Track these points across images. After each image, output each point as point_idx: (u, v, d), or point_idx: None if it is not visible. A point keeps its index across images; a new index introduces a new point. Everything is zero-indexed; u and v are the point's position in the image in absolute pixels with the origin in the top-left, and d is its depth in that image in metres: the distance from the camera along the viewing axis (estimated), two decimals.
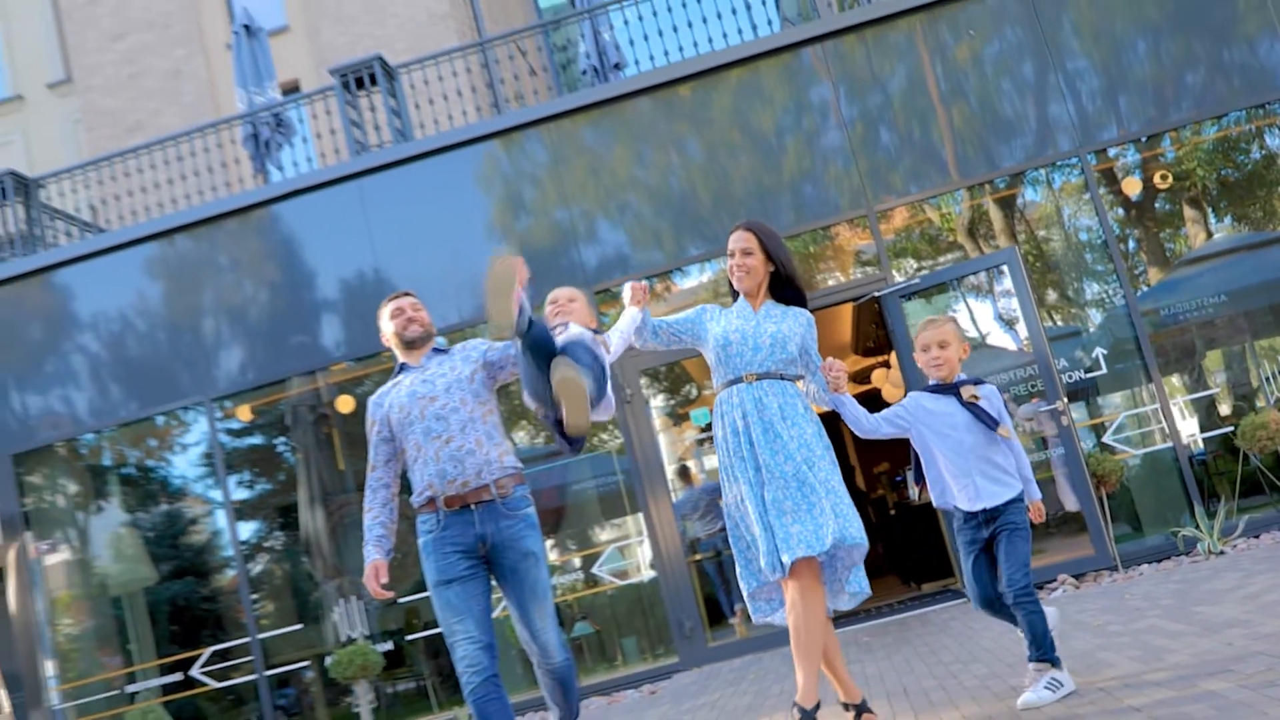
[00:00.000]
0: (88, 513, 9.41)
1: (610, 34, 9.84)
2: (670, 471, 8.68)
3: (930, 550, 9.22)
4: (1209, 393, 8.29)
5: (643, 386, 8.51)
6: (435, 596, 3.79)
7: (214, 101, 14.94)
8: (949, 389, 4.06)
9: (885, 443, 4.99)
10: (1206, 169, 8.36)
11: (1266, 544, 6.84)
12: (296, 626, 8.84)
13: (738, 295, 4.04)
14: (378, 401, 4.04)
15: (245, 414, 9.05)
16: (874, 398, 10.61)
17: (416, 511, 3.89)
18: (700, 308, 4.05)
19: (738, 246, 3.98)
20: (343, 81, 9.25)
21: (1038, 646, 3.87)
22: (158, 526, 9.40)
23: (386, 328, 4.11)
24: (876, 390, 11.03)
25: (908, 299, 7.89)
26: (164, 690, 8.73)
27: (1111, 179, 8.40)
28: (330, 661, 8.09)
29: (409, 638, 8.64)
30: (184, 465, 9.35)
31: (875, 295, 8.08)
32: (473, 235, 8.55)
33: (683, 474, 9.19)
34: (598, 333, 3.82)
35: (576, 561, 8.69)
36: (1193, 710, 3.11)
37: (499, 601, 4.70)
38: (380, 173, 8.81)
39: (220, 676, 8.67)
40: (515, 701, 7.59)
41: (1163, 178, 8.34)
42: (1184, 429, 7.94)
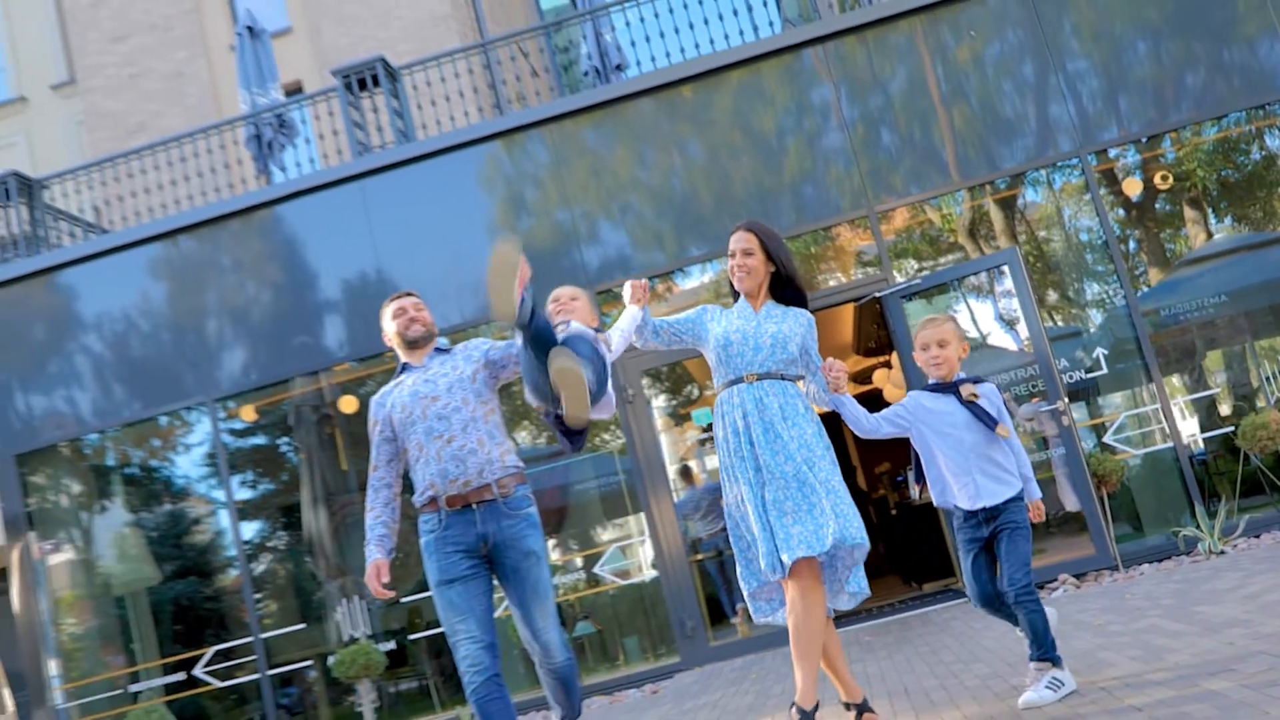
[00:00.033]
0: (91, 513, 9.42)
1: (612, 35, 9.84)
2: (672, 471, 8.69)
3: (931, 550, 9.22)
4: (1209, 393, 8.29)
5: (644, 387, 8.52)
6: (437, 596, 3.79)
7: (216, 103, 14.96)
8: (949, 388, 4.06)
9: (886, 443, 5.00)
10: (1207, 169, 8.36)
11: (1267, 544, 6.84)
12: (299, 626, 8.85)
13: (738, 296, 4.04)
14: (380, 401, 4.04)
15: (248, 414, 9.07)
16: (875, 398, 10.62)
17: (418, 511, 3.89)
18: (701, 308, 4.05)
19: (738, 247, 3.97)
20: (345, 82, 9.26)
21: (1039, 646, 3.87)
22: (161, 526, 9.41)
23: (389, 327, 4.11)
24: (878, 390, 11.04)
25: (909, 299, 7.90)
26: (167, 689, 8.75)
27: (1112, 179, 8.41)
28: (333, 661, 8.12)
29: (411, 637, 8.65)
30: (187, 465, 9.36)
31: (876, 296, 8.09)
32: (475, 236, 8.56)
33: (684, 474, 9.19)
34: (599, 332, 3.83)
35: (578, 561, 8.70)
36: (1194, 710, 3.11)
37: (501, 601, 4.70)
38: (382, 173, 8.83)
39: (223, 676, 8.69)
40: (517, 701, 7.61)
41: (1163, 178, 8.34)
42: (1184, 429, 7.95)
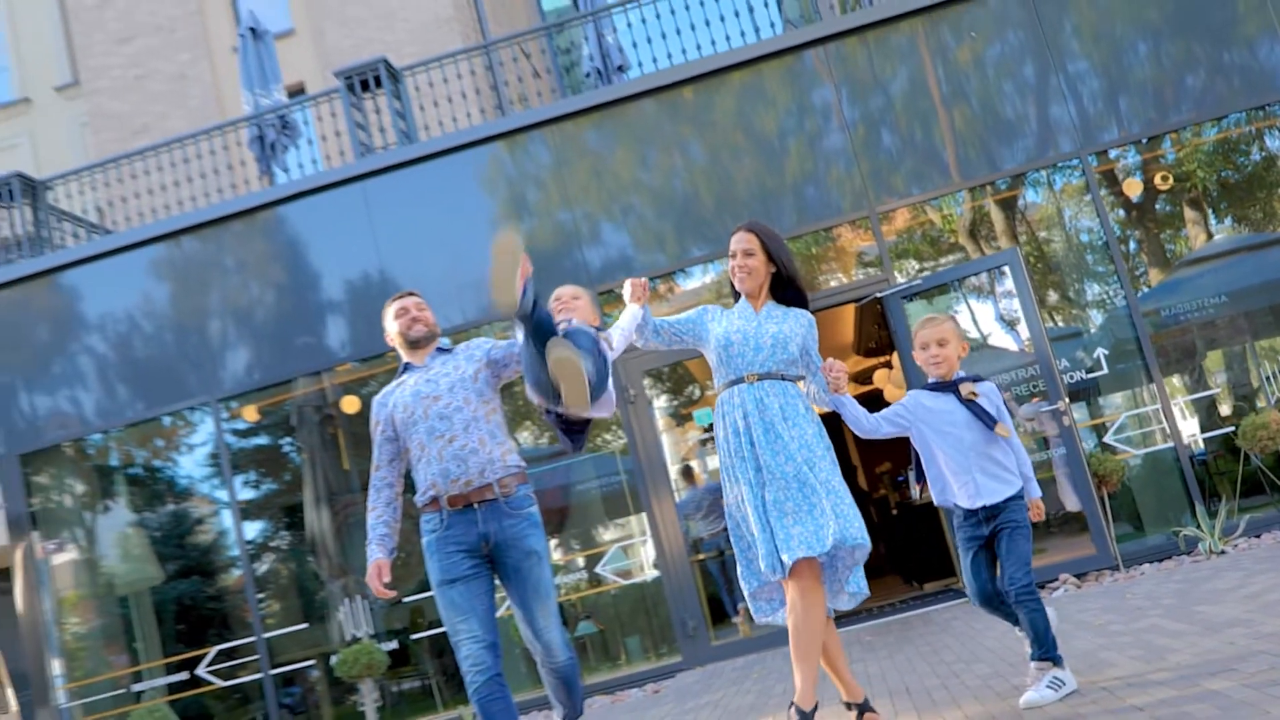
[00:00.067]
0: (95, 512, 9.43)
1: (614, 36, 9.86)
2: (673, 471, 8.70)
3: (932, 550, 9.23)
4: (1210, 393, 8.29)
5: (646, 387, 8.53)
6: (439, 596, 3.80)
7: (219, 104, 14.99)
8: (948, 386, 4.07)
9: (887, 443, 5.01)
10: (1207, 170, 8.37)
11: (1267, 544, 6.84)
12: (302, 625, 8.86)
13: (739, 296, 4.05)
14: (382, 401, 4.05)
15: (251, 414, 9.09)
16: (876, 398, 10.64)
17: (420, 511, 3.89)
18: (702, 308, 4.06)
19: (739, 247, 3.98)
20: (348, 84, 9.28)
21: (1040, 645, 3.87)
22: (164, 526, 9.42)
23: (391, 327, 4.12)
24: (879, 391, 11.05)
25: (910, 300, 7.91)
26: (170, 689, 8.76)
27: (1112, 180, 8.42)
28: (335, 660, 8.14)
29: (414, 637, 8.66)
30: (190, 465, 9.37)
31: (877, 296, 8.10)
32: (477, 237, 8.57)
33: (686, 474, 9.20)
34: (600, 330, 3.84)
35: (580, 561, 8.71)
36: (1195, 709, 3.11)
37: (503, 600, 4.72)
38: (385, 174, 8.85)
39: (226, 675, 8.70)
40: (520, 700, 7.62)
41: (1163, 179, 8.35)
42: (1185, 429, 7.95)
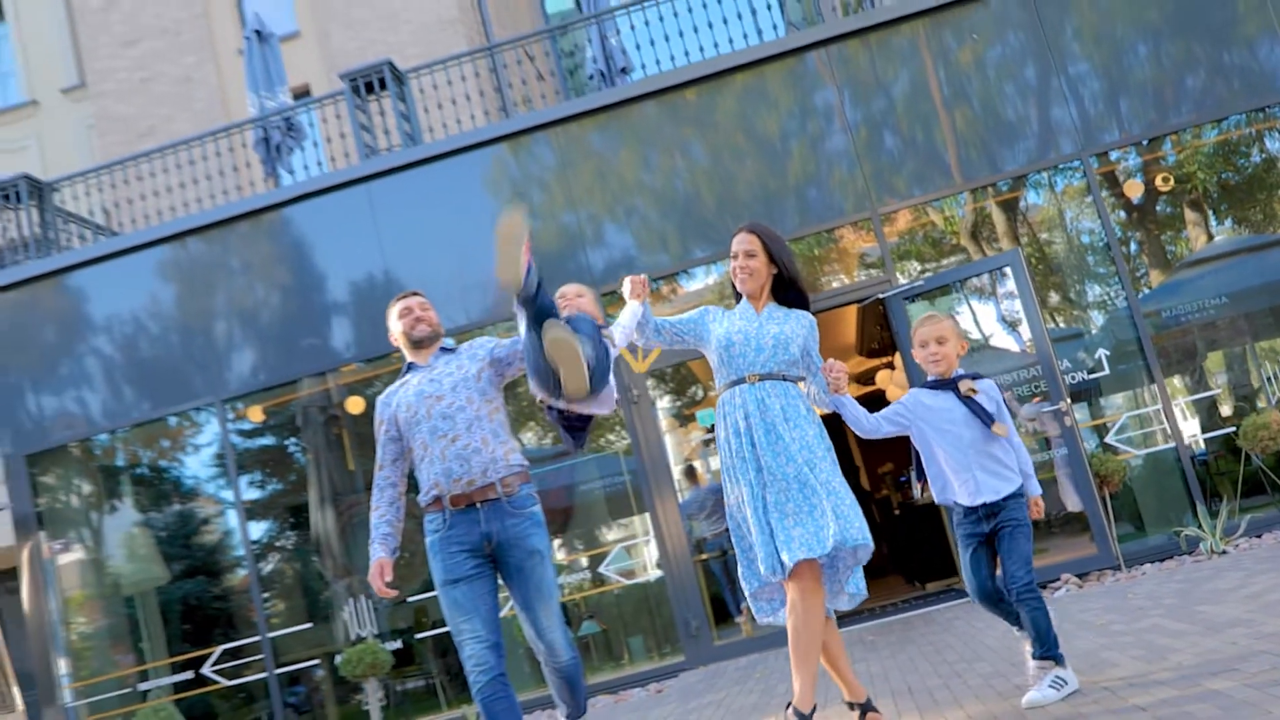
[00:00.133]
0: (101, 513, 9.46)
1: (617, 39, 9.89)
2: (677, 471, 8.72)
3: (934, 550, 9.25)
4: (1210, 393, 8.29)
5: (649, 387, 8.55)
6: (442, 596, 3.80)
7: (225, 106, 15.03)
8: (947, 384, 4.08)
9: (889, 443, 5.02)
10: (1207, 172, 8.38)
11: (1269, 544, 6.84)
12: (306, 625, 8.88)
13: (741, 297, 4.07)
14: (385, 401, 4.05)
15: (256, 415, 9.12)
16: (879, 399, 10.66)
17: (424, 510, 3.89)
18: (703, 309, 4.08)
19: (741, 249, 4.00)
20: (352, 86, 9.30)
21: (1041, 644, 3.88)
22: (170, 526, 9.46)
23: (394, 327, 4.13)
24: (881, 391, 11.08)
25: (912, 301, 7.93)
26: (175, 688, 8.79)
27: (1113, 182, 8.43)
28: (340, 660, 8.16)
29: (418, 636, 8.69)
30: (196, 466, 9.40)
31: (879, 297, 8.12)
32: (481, 238, 8.48)
33: (689, 474, 9.23)
34: (603, 328, 3.86)
35: (584, 561, 8.72)
36: (1197, 709, 3.11)
37: (506, 600, 4.74)
38: (389, 176, 8.87)
39: (231, 675, 8.73)
40: (523, 699, 7.64)
41: (1164, 180, 8.37)
42: (1186, 429, 7.95)
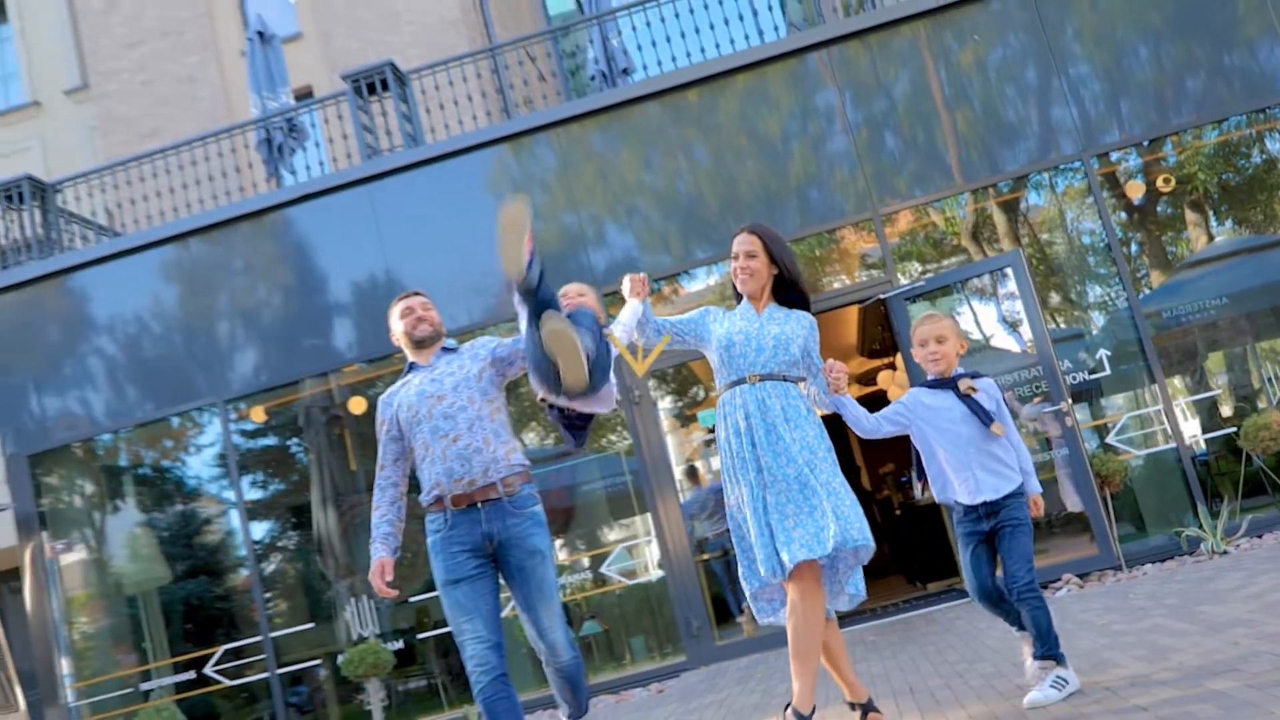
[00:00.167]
0: (103, 513, 9.48)
1: (619, 40, 9.90)
2: (678, 472, 8.73)
3: (935, 550, 9.26)
4: (1211, 394, 8.30)
5: (651, 388, 8.57)
6: (444, 596, 3.80)
7: (228, 107, 15.05)
8: (947, 383, 4.09)
9: (890, 443, 5.03)
10: (1208, 173, 8.39)
11: (1270, 544, 6.84)
12: (308, 625, 8.89)
13: (741, 297, 4.07)
14: (387, 400, 4.05)
15: (259, 415, 9.13)
16: (879, 399, 10.67)
17: (425, 510, 3.89)
18: (704, 309, 4.08)
19: (741, 249, 4.01)
20: (354, 87, 9.32)
21: (1042, 643, 3.89)
22: (172, 526, 9.47)
23: (396, 327, 4.13)
24: (882, 392, 11.08)
25: (913, 301, 7.94)
26: (177, 688, 8.80)
27: (1114, 182, 8.44)
28: (342, 660, 8.18)
29: (420, 636, 8.70)
30: (198, 466, 9.42)
31: (880, 297, 8.13)
32: (482, 238, 8.59)
33: (690, 474, 9.25)
34: (604, 328, 3.86)
35: (585, 561, 8.73)
36: (1198, 709, 3.12)
37: (508, 600, 4.75)
38: (391, 177, 8.89)
39: (233, 674, 8.75)
40: (525, 699, 7.66)
41: (1165, 181, 8.38)
42: (1187, 430, 7.96)
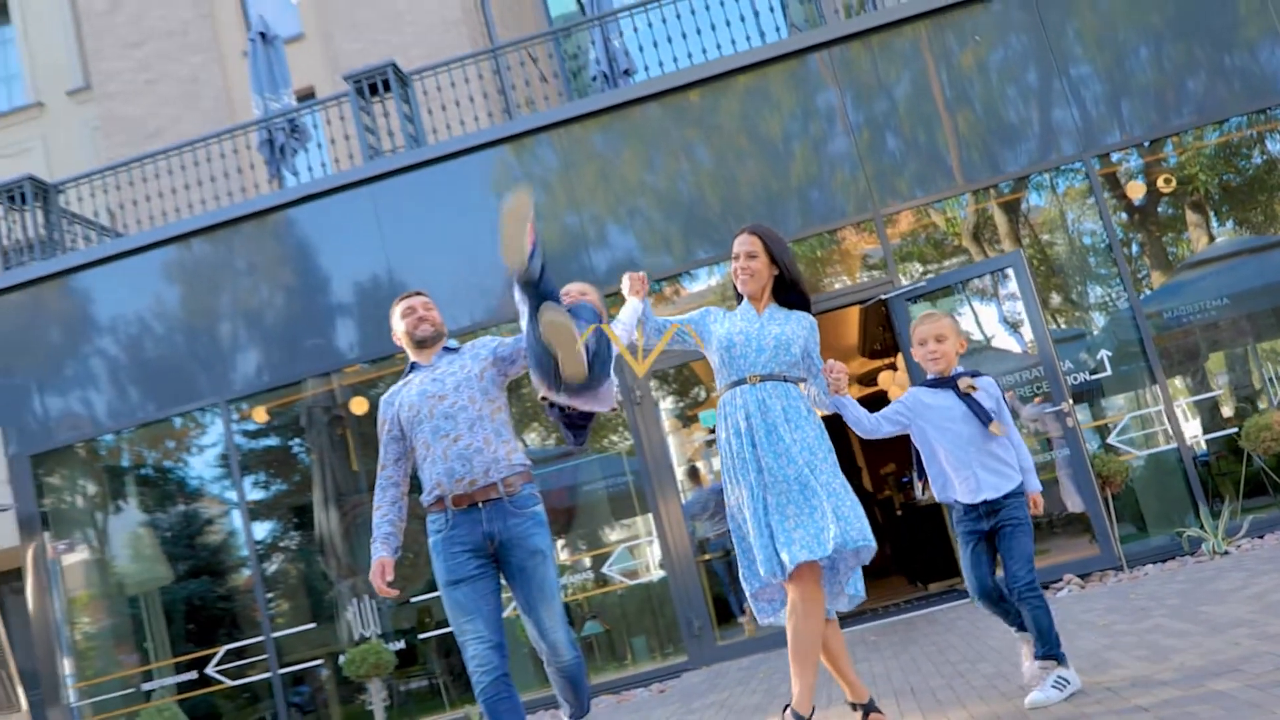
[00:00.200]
0: (106, 513, 9.50)
1: (620, 41, 9.92)
2: (679, 472, 8.74)
3: (936, 550, 9.26)
4: (1212, 394, 8.31)
5: (652, 389, 8.58)
6: (445, 596, 3.80)
7: (230, 108, 15.07)
8: (947, 382, 4.10)
9: (892, 444, 5.03)
10: (1209, 173, 8.39)
11: (1271, 544, 6.85)
12: (310, 625, 8.91)
13: (742, 298, 4.08)
14: (389, 400, 4.06)
15: (261, 415, 9.15)
16: (880, 399, 10.67)
17: (426, 511, 3.90)
18: (704, 310, 4.09)
19: (742, 250, 4.01)
20: (356, 88, 9.33)
21: (1043, 643, 3.89)
22: (174, 526, 9.49)
23: (398, 326, 4.14)
24: (884, 392, 11.08)
25: (914, 301, 7.94)
26: (179, 688, 8.81)
27: (1115, 183, 8.45)
28: (344, 660, 8.19)
29: (421, 636, 8.71)
30: (200, 466, 9.43)
31: (882, 298, 8.14)
32: (484, 239, 8.61)
33: (692, 475, 9.26)
34: (604, 321, 3.86)
35: (587, 561, 8.74)
36: (1200, 710, 3.12)
37: (509, 600, 4.75)
38: (393, 177, 8.91)
39: (235, 675, 8.76)
40: (527, 699, 7.66)
41: (1165, 182, 8.38)
42: (1188, 430, 7.96)
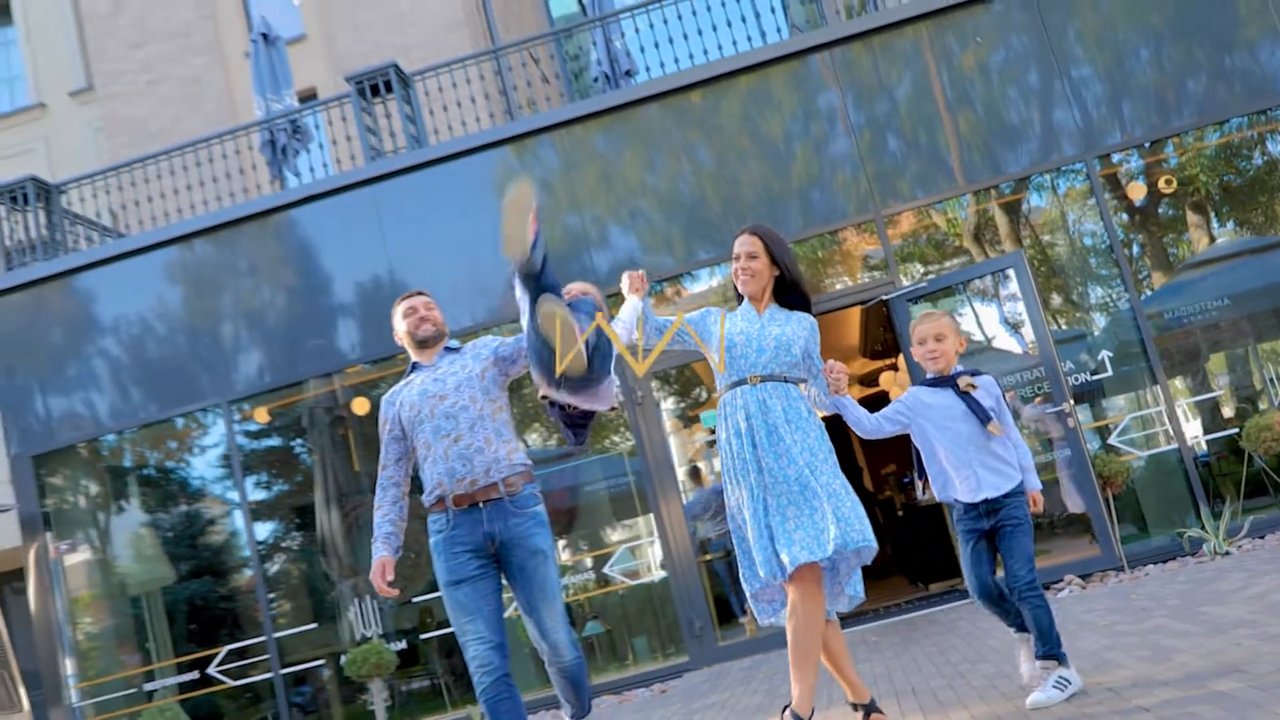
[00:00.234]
0: (108, 513, 9.51)
1: (621, 41, 9.92)
2: (681, 473, 8.74)
3: (937, 551, 9.27)
4: (1213, 395, 8.31)
5: (653, 389, 8.59)
6: (446, 597, 3.80)
7: (232, 109, 15.09)
8: (946, 381, 4.10)
9: (892, 444, 5.04)
10: (1209, 174, 8.40)
11: (1272, 544, 6.85)
12: (312, 625, 8.92)
13: (743, 299, 4.09)
14: (390, 400, 4.06)
15: (262, 416, 9.16)
16: (881, 400, 10.67)
17: (428, 511, 3.90)
18: (704, 310, 4.09)
19: (743, 250, 4.01)
20: (358, 89, 9.35)
21: (1044, 642, 3.89)
22: (176, 527, 9.50)
23: (399, 326, 4.14)
24: (884, 393, 11.09)
25: (915, 302, 7.95)
26: (181, 688, 8.83)
27: (1115, 184, 8.46)
28: (345, 660, 8.20)
29: (423, 636, 8.72)
30: (202, 466, 9.43)
31: (883, 299, 8.15)
32: (485, 240, 8.61)
33: (693, 475, 9.27)
34: (602, 311, 3.85)
35: (588, 561, 8.75)
36: (1202, 710, 3.12)
37: (511, 601, 4.75)
38: (395, 178, 8.92)
39: (237, 675, 8.77)
40: (528, 699, 7.67)
41: (1166, 183, 8.39)
42: (1188, 431, 7.96)
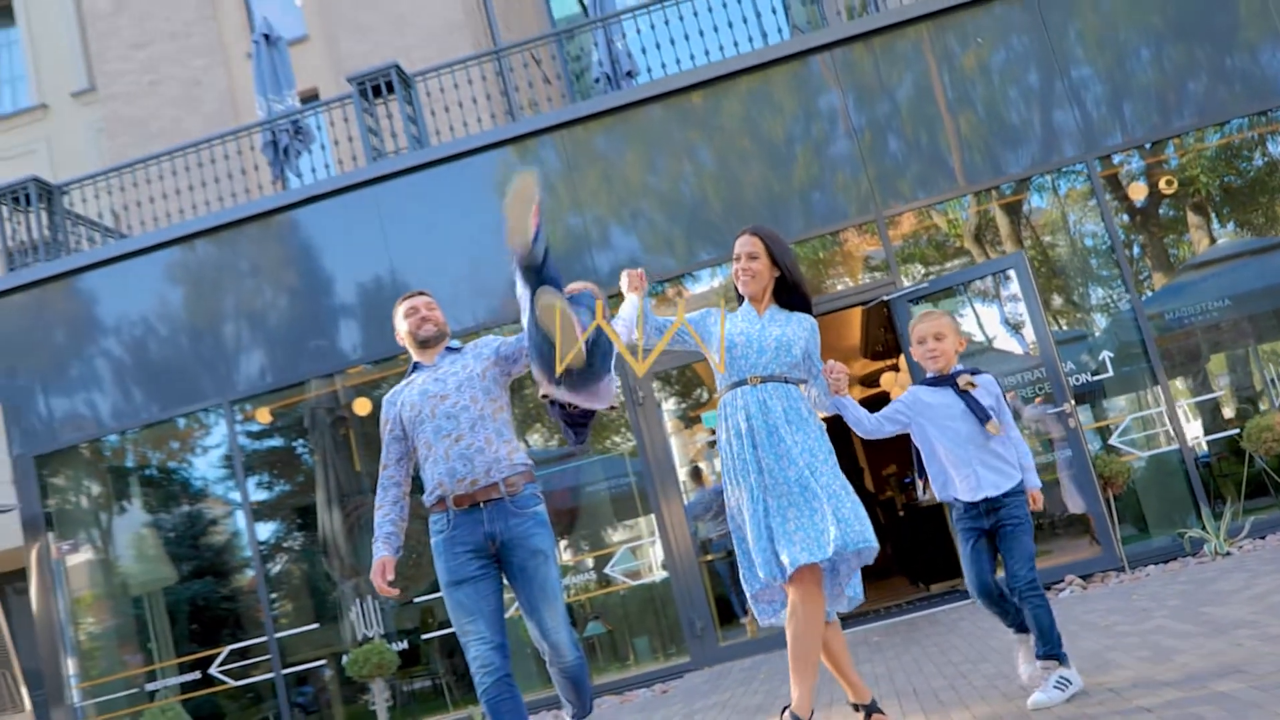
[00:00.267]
0: (109, 513, 9.52)
1: (623, 42, 9.93)
2: (682, 473, 8.74)
3: (938, 551, 9.26)
4: (1214, 395, 8.32)
5: (654, 390, 8.60)
6: (447, 597, 3.80)
7: (234, 109, 15.10)
8: (946, 380, 4.11)
9: (893, 445, 5.04)
10: (1210, 175, 8.40)
11: (1273, 545, 6.85)
12: (313, 626, 8.93)
13: (744, 299, 4.09)
14: (391, 400, 4.07)
15: (264, 416, 9.17)
16: (882, 400, 10.68)
17: (429, 511, 3.90)
18: (705, 310, 4.09)
19: (743, 251, 4.02)
20: (360, 89, 9.36)
21: (1044, 642, 3.89)
22: (178, 527, 9.51)
23: (401, 326, 4.14)
24: (885, 393, 11.10)
25: (916, 303, 7.96)
26: (183, 688, 8.83)
27: (1116, 185, 8.46)
28: (347, 660, 8.20)
29: (424, 637, 8.73)
30: (204, 467, 9.44)
31: (884, 299, 8.16)
32: (487, 240, 8.64)
33: (694, 475, 9.28)
34: (609, 319, 3.87)
35: (589, 562, 8.76)
36: (1203, 711, 3.13)
37: (512, 601, 4.75)
38: (396, 179, 8.93)
39: (238, 675, 8.78)
40: (530, 699, 7.68)
41: (1167, 183, 8.39)
42: (1189, 431, 7.97)
